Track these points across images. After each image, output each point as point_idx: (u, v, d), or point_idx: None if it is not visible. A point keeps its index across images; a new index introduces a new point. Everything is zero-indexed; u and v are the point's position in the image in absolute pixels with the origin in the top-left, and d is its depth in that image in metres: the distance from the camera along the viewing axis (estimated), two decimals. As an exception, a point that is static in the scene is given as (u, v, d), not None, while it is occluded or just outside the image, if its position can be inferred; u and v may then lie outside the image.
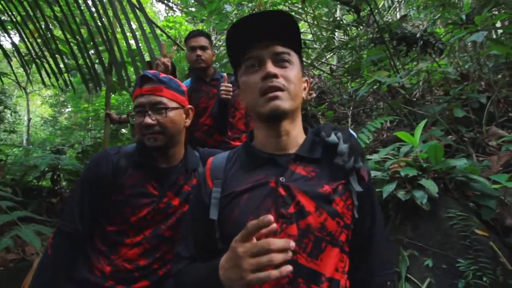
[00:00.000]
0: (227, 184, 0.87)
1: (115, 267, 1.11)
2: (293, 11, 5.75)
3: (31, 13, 2.84)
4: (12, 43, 3.31)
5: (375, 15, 3.61)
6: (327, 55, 6.36)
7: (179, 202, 1.17)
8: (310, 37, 6.03)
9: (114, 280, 1.11)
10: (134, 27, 2.66)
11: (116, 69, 2.68)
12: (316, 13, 5.45)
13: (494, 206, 1.74)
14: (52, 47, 3.05)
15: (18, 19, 2.98)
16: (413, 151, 2.18)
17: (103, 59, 3.07)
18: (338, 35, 5.72)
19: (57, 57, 3.12)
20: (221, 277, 0.69)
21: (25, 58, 3.39)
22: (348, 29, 5.04)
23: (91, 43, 2.89)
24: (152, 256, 1.14)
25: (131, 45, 2.68)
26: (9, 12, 2.89)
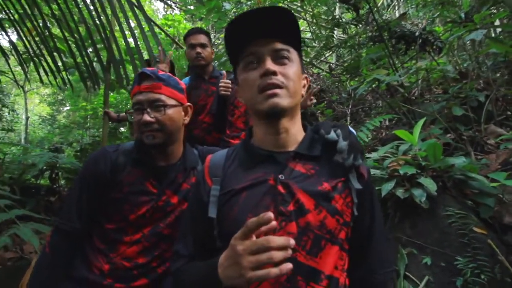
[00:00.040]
0: (226, 181, 0.86)
1: (114, 265, 1.11)
2: (292, 9, 5.74)
3: (29, 11, 2.83)
4: (9, 41, 3.30)
5: (374, 13, 3.61)
6: (326, 54, 6.35)
7: (178, 200, 1.17)
8: (309, 35, 6.02)
9: (112, 278, 1.10)
10: (132, 25, 2.64)
11: (114, 67, 2.67)
12: (315, 11, 5.44)
13: (492, 204, 1.74)
14: (50, 45, 3.04)
15: (16, 17, 2.96)
16: (412, 150, 2.18)
17: (102, 57, 3.06)
18: (337, 33, 5.72)
19: (55, 55, 3.11)
20: (220, 275, 0.68)
21: (23, 56, 3.37)
22: (347, 27, 5.03)
23: (89, 41, 2.88)
24: (151, 254, 1.14)
25: (130, 43, 2.67)
26: (7, 10, 2.87)
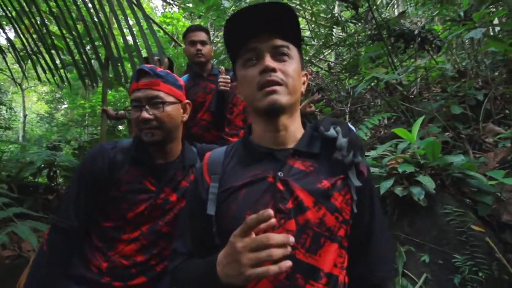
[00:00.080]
0: (224, 179, 0.86)
1: (112, 264, 1.10)
2: (291, 8, 5.72)
3: (27, 8, 2.81)
4: (7, 38, 3.28)
5: (373, 12, 3.61)
6: (325, 52, 6.35)
7: (176, 198, 1.16)
8: (308, 33, 6.01)
9: (110, 276, 1.10)
10: (131, 23, 2.63)
11: (113, 65, 2.66)
12: (314, 9, 5.43)
13: (490, 202, 1.75)
14: (48, 42, 3.02)
15: (13, 14, 2.94)
16: (410, 148, 2.18)
17: (100, 55, 3.04)
18: (336, 31, 5.71)
19: (53, 53, 3.09)
20: (219, 273, 0.68)
21: (21, 54, 3.35)
22: (346, 25, 5.03)
23: (88, 38, 2.86)
24: (149, 252, 1.13)
25: (128, 41, 2.65)
26: (4, 7, 2.85)
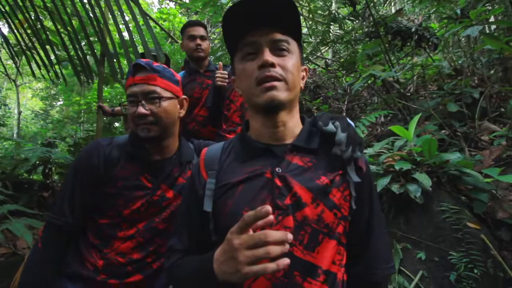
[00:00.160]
0: (221, 175, 0.84)
1: (108, 261, 1.09)
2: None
3: (20, 3, 2.76)
4: (0, 34, 3.23)
5: (370, 9, 3.60)
6: (322, 49, 6.34)
7: (173, 194, 1.15)
8: (305, 31, 6.00)
9: (106, 274, 1.08)
10: (127, 18, 2.60)
11: (108, 61, 2.63)
12: (311, 6, 5.41)
13: (486, 199, 1.76)
14: (42, 38, 2.98)
15: (7, 9, 2.89)
16: (407, 145, 2.19)
17: (95, 51, 3.01)
18: (333, 29, 5.70)
19: (48, 49, 3.05)
20: (215, 270, 0.67)
21: (15, 49, 3.30)
22: (343, 23, 5.02)
23: (83, 34, 2.82)
24: (145, 249, 1.12)
25: (124, 37, 2.62)
26: (-3, 1, 2.81)
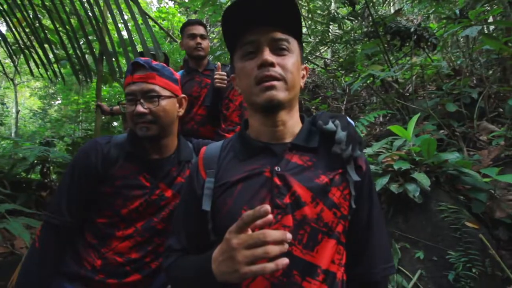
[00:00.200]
0: (220, 174, 0.84)
1: (106, 261, 1.08)
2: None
3: (19, 1, 2.75)
4: (-2, 32, 3.21)
5: (370, 9, 3.60)
6: (321, 49, 6.34)
7: (172, 194, 1.15)
8: (304, 30, 6.00)
9: (104, 273, 1.08)
10: (126, 17, 2.59)
11: (107, 60, 2.62)
12: (310, 6, 5.41)
13: (484, 199, 1.77)
14: (40, 36, 2.96)
15: (5, 7, 2.88)
16: (406, 145, 2.19)
17: (94, 49, 3.00)
18: (332, 28, 5.70)
19: (46, 47, 3.04)
20: (214, 270, 0.66)
21: (13, 48, 3.29)
22: (342, 22, 5.03)
23: (81, 32, 2.81)
24: (144, 249, 1.12)
25: (123, 35, 2.61)
26: (-5, -1, 2.80)
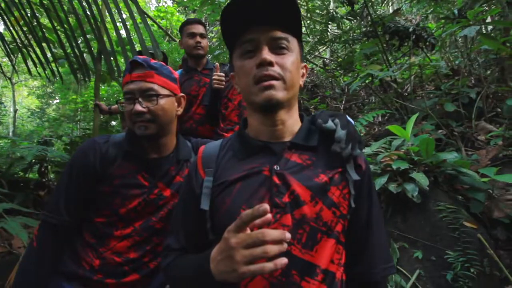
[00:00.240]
0: (219, 173, 0.83)
1: (104, 260, 1.08)
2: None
3: (16, 0, 2.74)
4: (-4, 30, 3.20)
5: (368, 8, 3.61)
6: (320, 49, 6.34)
7: (170, 193, 1.14)
8: (303, 30, 6.00)
9: (103, 273, 1.07)
10: (124, 16, 2.58)
11: (105, 59, 2.61)
12: (309, 5, 5.41)
13: (482, 199, 1.77)
14: (38, 35, 2.95)
15: (2, 6, 2.86)
16: (404, 145, 2.20)
17: (92, 48, 2.99)
18: (331, 28, 5.71)
19: (44, 46, 3.02)
20: (212, 270, 0.66)
21: (10, 46, 3.27)
22: (341, 22, 5.03)
23: (80, 31, 2.80)
24: (142, 248, 1.11)
25: (121, 34, 2.61)
26: (-7, -2, 2.78)
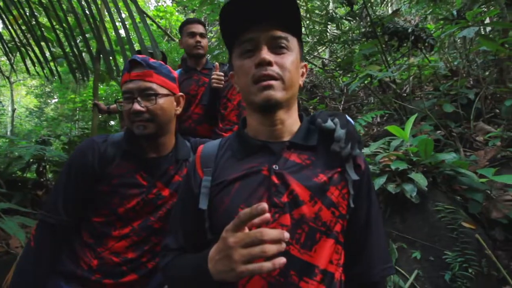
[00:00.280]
0: (218, 172, 0.83)
1: (102, 260, 1.07)
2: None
3: (15, -2, 2.73)
4: (-6, 29, 3.19)
5: (368, 9, 3.61)
6: (319, 49, 6.35)
7: (169, 193, 1.14)
8: (302, 30, 6.01)
9: (101, 273, 1.07)
10: (123, 16, 2.57)
11: (104, 58, 2.60)
12: (309, 6, 5.41)
13: (481, 199, 1.77)
14: (37, 34, 2.94)
15: (1, 5, 2.85)
16: (403, 145, 2.20)
17: (91, 48, 2.98)
18: (330, 28, 5.71)
19: (43, 45, 3.01)
20: (210, 269, 0.66)
21: (9, 45, 3.26)
22: (340, 22, 5.04)
23: (78, 30, 2.79)
24: (140, 248, 1.11)
25: (120, 34, 2.60)
26: (-9, -4, 2.77)
